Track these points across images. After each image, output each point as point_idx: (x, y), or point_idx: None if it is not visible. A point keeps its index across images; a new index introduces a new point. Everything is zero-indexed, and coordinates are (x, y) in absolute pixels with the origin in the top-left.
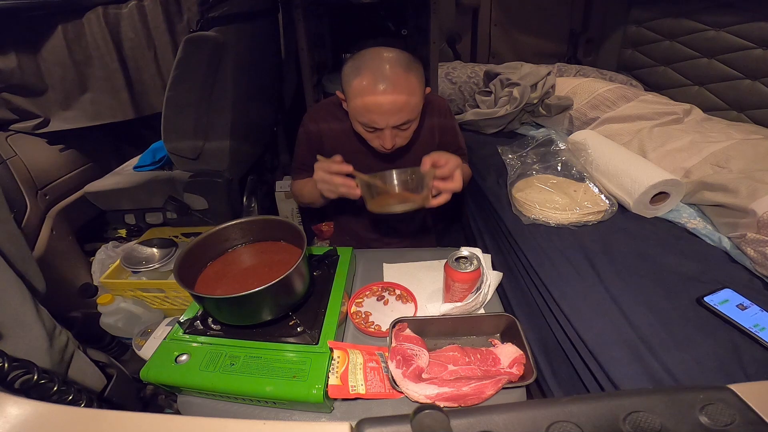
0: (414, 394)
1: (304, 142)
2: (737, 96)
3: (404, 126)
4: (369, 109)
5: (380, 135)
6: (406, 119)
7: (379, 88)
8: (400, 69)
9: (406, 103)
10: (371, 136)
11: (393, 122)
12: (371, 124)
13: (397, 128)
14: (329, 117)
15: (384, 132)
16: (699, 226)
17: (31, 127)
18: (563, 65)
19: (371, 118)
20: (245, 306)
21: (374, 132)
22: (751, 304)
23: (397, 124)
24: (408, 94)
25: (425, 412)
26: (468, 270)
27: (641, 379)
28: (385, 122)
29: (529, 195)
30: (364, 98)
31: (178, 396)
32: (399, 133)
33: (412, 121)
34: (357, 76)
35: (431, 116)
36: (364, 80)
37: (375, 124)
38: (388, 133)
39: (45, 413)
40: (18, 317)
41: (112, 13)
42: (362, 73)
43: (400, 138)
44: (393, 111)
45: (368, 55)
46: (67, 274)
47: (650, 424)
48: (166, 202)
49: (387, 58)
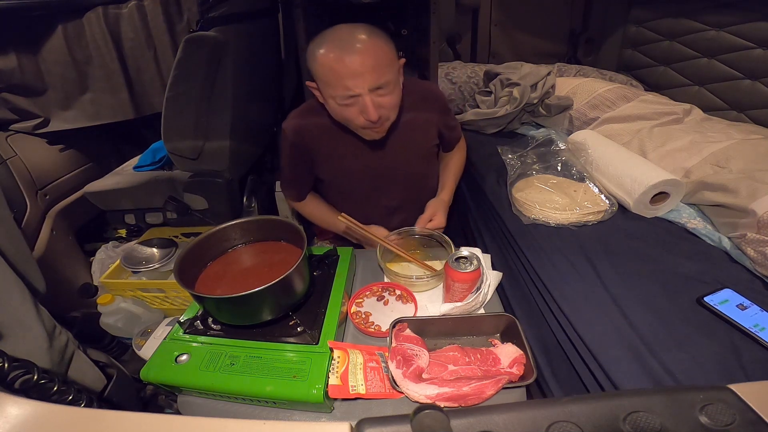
0: (414, 394)
1: (289, 156)
2: (737, 96)
3: (382, 91)
4: (340, 76)
5: (362, 107)
6: (380, 80)
7: (345, 52)
8: (362, 33)
9: (376, 62)
10: (354, 112)
11: (368, 83)
12: (347, 92)
13: (375, 94)
14: (313, 128)
15: (364, 100)
16: (699, 226)
17: (31, 127)
18: (563, 65)
19: (345, 85)
20: (245, 306)
21: (354, 105)
22: (751, 304)
23: (372, 86)
24: (375, 52)
25: (425, 412)
26: (468, 270)
27: (641, 379)
28: (361, 85)
29: (529, 195)
30: (332, 66)
31: (178, 396)
32: (380, 101)
33: (389, 85)
34: (320, 50)
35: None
36: (328, 51)
37: (350, 90)
38: (368, 100)
39: (45, 413)
40: (18, 317)
41: (112, 13)
42: (325, 46)
43: (385, 108)
44: (364, 70)
45: (327, 31)
46: (67, 274)
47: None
48: (166, 202)
49: (345, 27)
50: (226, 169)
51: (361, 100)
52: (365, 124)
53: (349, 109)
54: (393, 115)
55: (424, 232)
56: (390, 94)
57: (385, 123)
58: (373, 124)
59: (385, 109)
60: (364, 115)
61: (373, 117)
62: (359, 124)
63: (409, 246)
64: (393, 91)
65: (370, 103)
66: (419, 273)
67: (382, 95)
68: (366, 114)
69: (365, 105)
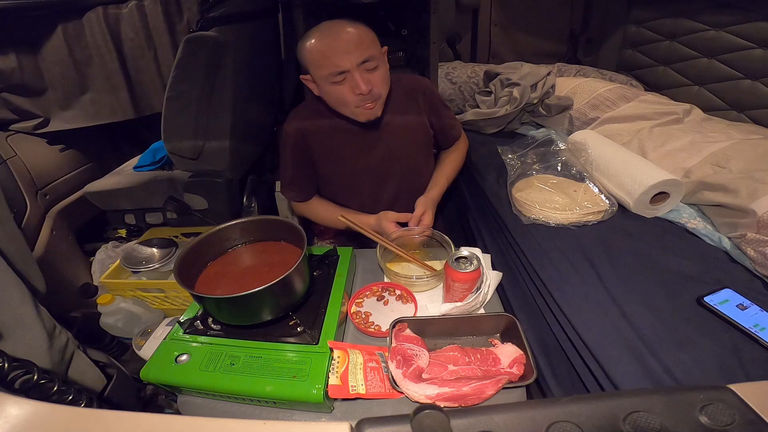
0: (414, 394)
1: (291, 156)
2: (737, 96)
3: (369, 64)
4: (328, 55)
5: (352, 83)
6: (365, 54)
7: (330, 35)
8: (345, 21)
9: (359, 39)
10: (346, 90)
11: (355, 58)
12: (336, 69)
13: (363, 69)
14: (311, 125)
15: (353, 75)
16: (699, 226)
17: (31, 127)
18: (563, 65)
19: (334, 62)
20: (245, 306)
21: (345, 83)
22: (751, 304)
23: (359, 60)
24: (357, 32)
25: (425, 412)
26: (468, 270)
27: (641, 379)
28: (348, 60)
29: (529, 195)
30: (320, 49)
31: (178, 396)
32: (368, 77)
33: (375, 60)
34: (310, 39)
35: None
36: (316, 39)
37: (339, 66)
38: (357, 75)
39: (45, 413)
40: (18, 317)
41: (112, 13)
42: (312, 35)
43: (375, 84)
44: (350, 46)
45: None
46: (67, 274)
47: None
48: (166, 202)
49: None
50: (226, 169)
51: (350, 76)
52: (358, 101)
53: (340, 87)
54: (384, 92)
55: (423, 232)
56: (377, 70)
57: (377, 99)
58: (364, 97)
59: (377, 85)
60: (355, 89)
61: (363, 89)
62: (352, 102)
63: (409, 246)
64: (379, 66)
65: (358, 77)
66: (419, 273)
67: (370, 69)
68: (357, 88)
69: (355, 79)
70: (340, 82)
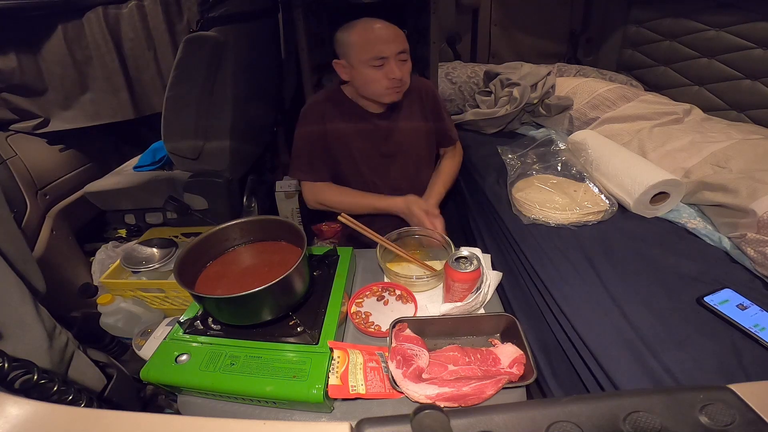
0: (414, 394)
1: (307, 141)
2: (737, 96)
3: (403, 56)
4: (373, 42)
5: (387, 68)
6: (403, 47)
7: (376, 26)
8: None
9: (397, 33)
10: (380, 75)
11: (395, 48)
12: (379, 55)
13: (398, 59)
14: (330, 108)
15: (389, 61)
16: (699, 226)
17: (31, 127)
18: (563, 65)
19: (378, 49)
20: (245, 306)
21: (381, 69)
22: (751, 304)
23: (398, 50)
24: (396, 28)
25: (425, 412)
26: (468, 270)
27: (641, 379)
28: (389, 49)
29: (529, 195)
30: (366, 35)
31: (178, 396)
32: (401, 66)
33: (407, 53)
34: (354, 28)
35: (421, 100)
36: (362, 27)
37: (382, 53)
38: (394, 62)
39: (45, 413)
40: (18, 317)
41: (112, 13)
42: (356, 26)
43: (405, 74)
44: (392, 37)
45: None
46: (67, 274)
47: (650, 424)
48: (166, 202)
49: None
50: (226, 169)
51: (387, 63)
52: (389, 84)
53: (376, 71)
54: (407, 82)
55: (424, 232)
56: (407, 62)
57: (403, 86)
58: (395, 82)
59: (405, 73)
60: (389, 74)
61: (398, 74)
62: (383, 85)
63: (409, 246)
64: (408, 60)
65: (395, 65)
66: (419, 273)
67: (403, 60)
68: (392, 73)
69: (391, 66)
70: (379, 67)
